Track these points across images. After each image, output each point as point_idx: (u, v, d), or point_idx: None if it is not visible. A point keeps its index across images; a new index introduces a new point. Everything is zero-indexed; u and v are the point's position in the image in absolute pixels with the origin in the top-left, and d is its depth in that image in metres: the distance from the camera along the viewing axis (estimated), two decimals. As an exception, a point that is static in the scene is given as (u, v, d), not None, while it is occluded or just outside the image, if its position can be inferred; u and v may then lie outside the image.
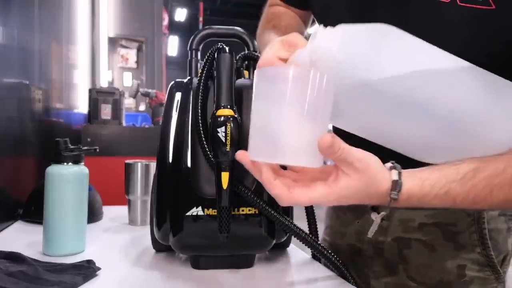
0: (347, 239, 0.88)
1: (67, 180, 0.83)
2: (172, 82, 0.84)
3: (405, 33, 0.56)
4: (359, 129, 0.61)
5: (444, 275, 0.76)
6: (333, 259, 0.78)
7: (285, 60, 0.59)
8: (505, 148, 0.57)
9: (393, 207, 0.55)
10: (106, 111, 2.42)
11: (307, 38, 0.87)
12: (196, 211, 0.74)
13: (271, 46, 0.61)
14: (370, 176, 0.52)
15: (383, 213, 0.57)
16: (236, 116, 0.70)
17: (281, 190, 0.52)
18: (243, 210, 0.74)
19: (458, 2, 0.58)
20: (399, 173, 0.54)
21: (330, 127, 0.74)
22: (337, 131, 0.77)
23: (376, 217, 0.58)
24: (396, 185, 0.53)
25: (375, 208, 0.60)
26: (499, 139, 0.57)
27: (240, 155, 0.56)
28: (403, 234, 0.78)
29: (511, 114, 0.56)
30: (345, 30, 0.54)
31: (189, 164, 0.76)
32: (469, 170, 0.55)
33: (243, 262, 0.80)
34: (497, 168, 0.55)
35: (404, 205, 0.55)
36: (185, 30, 12.74)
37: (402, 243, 0.79)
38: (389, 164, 0.55)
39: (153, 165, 1.12)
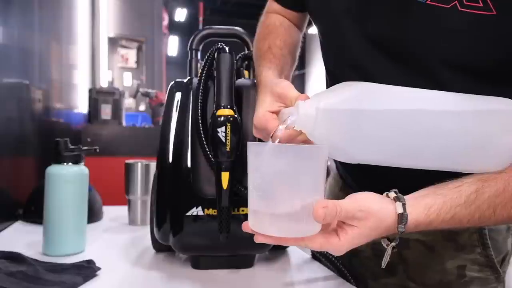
0: None
1: (67, 180, 0.83)
2: (172, 82, 0.84)
3: (384, 87, 0.56)
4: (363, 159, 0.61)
5: (444, 275, 0.76)
6: (333, 259, 0.78)
7: (277, 112, 0.61)
8: (509, 156, 0.58)
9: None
10: (106, 111, 2.42)
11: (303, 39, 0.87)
12: (196, 211, 0.74)
13: (262, 101, 0.63)
14: (375, 218, 0.54)
15: (393, 244, 0.59)
16: (236, 116, 0.70)
17: (295, 243, 0.54)
18: (243, 210, 0.74)
19: (458, 7, 0.57)
20: (403, 205, 0.55)
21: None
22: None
23: (387, 246, 0.59)
24: (402, 218, 0.54)
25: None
26: (500, 152, 0.58)
27: (244, 226, 0.56)
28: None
29: (506, 127, 0.57)
30: (326, 102, 0.54)
31: (189, 164, 0.76)
32: (471, 192, 0.56)
33: (243, 262, 0.81)
34: (497, 189, 0.57)
35: (413, 231, 0.57)
36: (185, 30, 12.72)
37: (401, 244, 0.77)
38: (392, 194, 0.56)
39: (153, 165, 1.12)
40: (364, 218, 0.53)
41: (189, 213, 0.74)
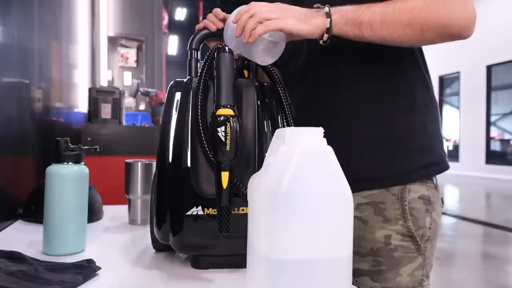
0: None
1: (68, 180, 0.83)
2: (172, 81, 0.84)
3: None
4: None
5: (374, 243, 0.93)
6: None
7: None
8: None
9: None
10: (106, 110, 2.41)
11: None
12: (196, 210, 0.74)
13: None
14: None
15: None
16: (236, 115, 0.70)
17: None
18: (243, 210, 0.74)
19: None
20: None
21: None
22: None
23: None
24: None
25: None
26: None
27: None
28: None
29: None
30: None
31: (189, 164, 0.76)
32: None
33: (243, 262, 0.80)
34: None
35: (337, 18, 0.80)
36: (185, 30, 12.72)
37: None
38: None
39: (153, 165, 1.12)
40: None
41: (189, 213, 0.74)
